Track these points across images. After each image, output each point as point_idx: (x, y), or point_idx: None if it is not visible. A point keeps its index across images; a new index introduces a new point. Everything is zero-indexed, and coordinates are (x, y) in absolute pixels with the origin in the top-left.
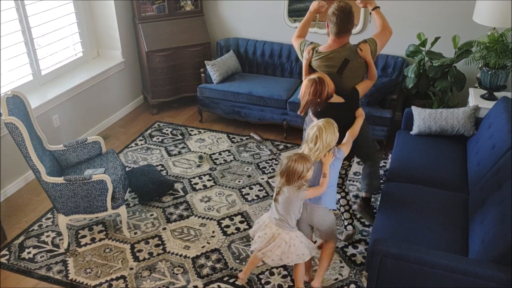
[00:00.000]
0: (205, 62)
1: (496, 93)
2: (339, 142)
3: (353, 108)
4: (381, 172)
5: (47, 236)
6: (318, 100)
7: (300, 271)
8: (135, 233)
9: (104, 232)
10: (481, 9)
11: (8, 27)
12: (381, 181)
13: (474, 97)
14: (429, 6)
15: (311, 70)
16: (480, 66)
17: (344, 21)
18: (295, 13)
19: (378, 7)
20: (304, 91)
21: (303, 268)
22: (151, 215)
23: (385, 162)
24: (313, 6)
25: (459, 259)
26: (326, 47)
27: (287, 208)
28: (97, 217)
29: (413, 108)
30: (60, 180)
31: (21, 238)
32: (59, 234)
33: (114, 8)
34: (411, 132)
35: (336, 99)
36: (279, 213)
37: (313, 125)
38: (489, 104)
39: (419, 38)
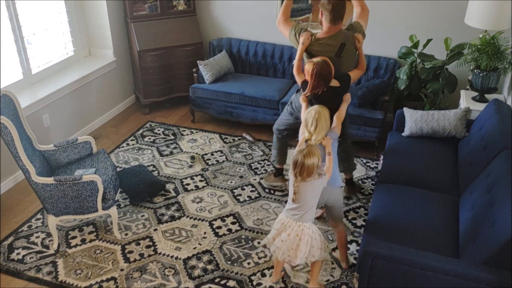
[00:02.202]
0: (198, 62)
1: (487, 95)
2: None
3: (345, 92)
4: (373, 173)
5: (37, 237)
6: (324, 82)
7: (317, 268)
8: (126, 234)
9: (95, 233)
10: (473, 12)
11: None
12: (373, 182)
13: (466, 99)
14: (421, 9)
15: (305, 55)
16: (471, 68)
17: (338, 9)
18: None
19: None
20: (314, 72)
21: (319, 266)
22: (142, 216)
23: (377, 163)
24: None
25: (450, 261)
26: (323, 33)
27: (311, 200)
28: (87, 218)
29: (405, 109)
30: (50, 180)
31: (10, 239)
32: (49, 235)
33: (106, 7)
34: (402, 134)
35: (333, 82)
36: (299, 209)
37: (309, 110)
38: (481, 106)
39: (411, 40)
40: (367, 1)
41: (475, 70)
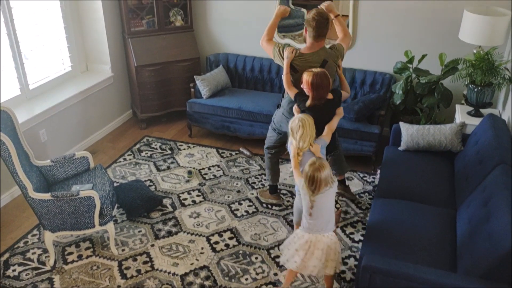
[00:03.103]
0: (195, 77)
1: (482, 110)
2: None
3: (338, 105)
4: (370, 187)
5: (33, 253)
6: (324, 92)
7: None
8: (123, 250)
9: (91, 249)
10: (467, 28)
11: None
12: (370, 197)
13: (461, 113)
14: (416, 24)
15: (291, 68)
16: (466, 83)
17: (321, 26)
18: (284, 28)
19: (339, 14)
20: (314, 84)
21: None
22: (139, 231)
23: (374, 178)
24: (278, 10)
25: (448, 275)
26: (307, 49)
27: (328, 208)
28: (84, 234)
29: (401, 124)
30: (47, 196)
31: (6, 255)
32: (45, 251)
33: (103, 23)
34: (399, 148)
35: (328, 95)
36: (322, 223)
37: (293, 119)
38: (476, 121)
39: (406, 55)
40: (363, 16)
41: (470, 85)
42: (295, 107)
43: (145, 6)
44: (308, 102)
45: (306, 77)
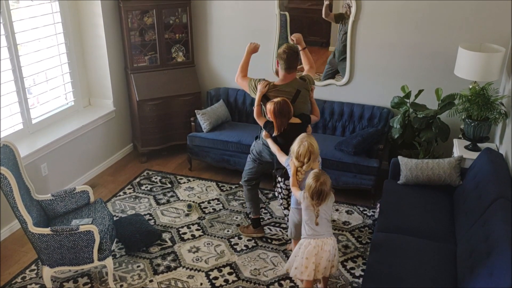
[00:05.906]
0: (196, 111)
1: (479, 144)
2: None
3: (306, 127)
4: (370, 221)
5: None
6: (285, 119)
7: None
8: (121, 286)
9: (89, 285)
10: (462, 64)
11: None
12: (370, 231)
13: (459, 147)
14: (412, 60)
15: (264, 101)
16: (463, 117)
17: (292, 58)
18: None
19: (306, 47)
20: (275, 111)
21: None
22: (138, 266)
23: (373, 211)
24: (249, 47)
25: None
26: (280, 81)
27: (329, 214)
28: (82, 269)
29: (400, 158)
30: (46, 231)
31: None
32: (43, 286)
33: (107, 59)
34: (398, 182)
35: (294, 120)
36: (325, 228)
37: (300, 142)
38: (473, 155)
39: (403, 90)
40: (360, 52)
41: (467, 120)
42: (264, 133)
43: (148, 43)
44: (275, 132)
45: (269, 106)
